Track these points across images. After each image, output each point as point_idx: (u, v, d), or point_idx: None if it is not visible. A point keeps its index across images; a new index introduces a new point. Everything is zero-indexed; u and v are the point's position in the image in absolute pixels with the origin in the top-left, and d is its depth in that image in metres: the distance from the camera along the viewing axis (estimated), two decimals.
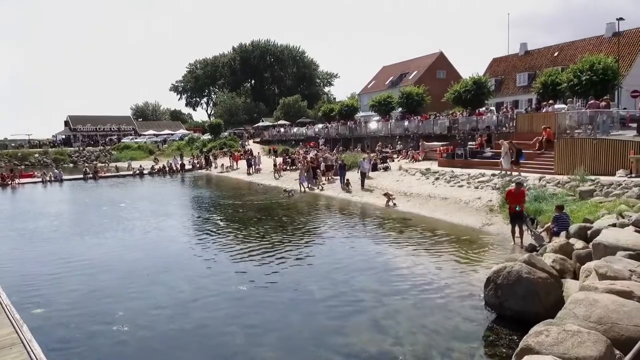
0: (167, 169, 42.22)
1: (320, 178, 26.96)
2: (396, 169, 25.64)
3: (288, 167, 33.62)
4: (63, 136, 75.24)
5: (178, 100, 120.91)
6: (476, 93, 32.25)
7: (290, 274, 11.05)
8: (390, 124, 37.12)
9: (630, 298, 5.93)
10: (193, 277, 10.95)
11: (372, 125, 39.51)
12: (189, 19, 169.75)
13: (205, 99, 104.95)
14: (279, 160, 35.39)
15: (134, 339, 7.73)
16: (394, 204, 19.45)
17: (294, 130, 51.63)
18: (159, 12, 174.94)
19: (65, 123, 79.96)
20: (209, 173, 41.41)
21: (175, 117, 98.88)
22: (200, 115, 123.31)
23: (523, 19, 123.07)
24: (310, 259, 12.31)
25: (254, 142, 55.72)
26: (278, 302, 9.18)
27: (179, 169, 42.70)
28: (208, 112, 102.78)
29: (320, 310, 8.75)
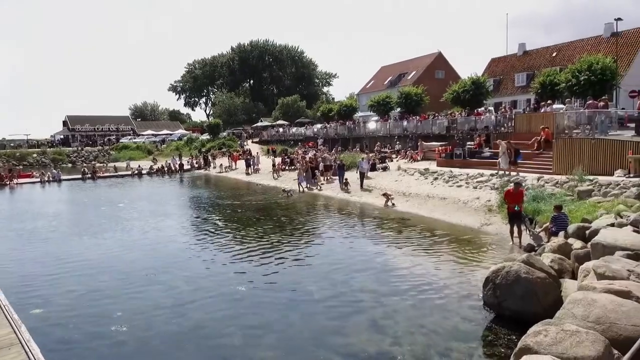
0: (165, 169, 42.19)
1: (319, 178, 26.97)
2: (395, 169, 25.67)
3: (287, 167, 33.64)
4: (61, 136, 75.15)
5: (177, 100, 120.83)
6: (475, 93, 32.33)
7: (289, 274, 11.06)
8: (389, 124, 37.19)
9: (628, 298, 5.93)
10: (192, 277, 10.94)
11: (371, 125, 39.58)
12: (189, 19, 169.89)
13: (203, 99, 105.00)
14: (278, 160, 35.40)
15: (132, 340, 7.72)
16: (393, 204, 19.47)
17: (293, 130, 51.67)
18: (158, 12, 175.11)
19: (64, 123, 79.89)
20: (207, 173, 41.38)
21: (174, 117, 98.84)
22: (198, 115, 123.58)
23: (521, 19, 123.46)
24: (309, 259, 12.31)
25: (252, 142, 55.73)
26: (277, 302, 9.18)
27: (178, 169, 42.67)
28: (207, 112, 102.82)
29: (320, 310, 8.75)
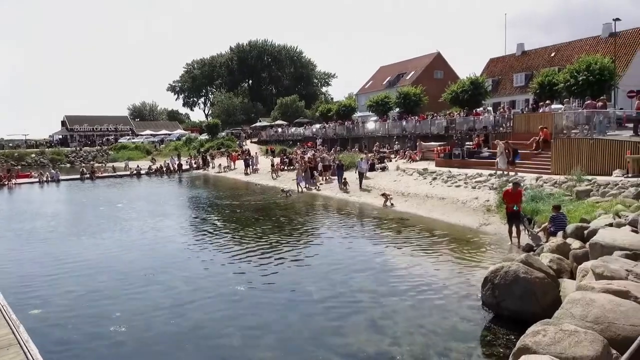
0: (164, 169, 42.17)
1: (317, 178, 26.97)
2: (394, 169, 25.67)
3: (285, 167, 33.63)
4: (60, 136, 75.05)
5: (175, 100, 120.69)
6: (473, 93, 32.32)
7: (288, 275, 11.06)
8: (388, 124, 37.20)
9: (626, 298, 5.95)
10: (191, 277, 10.93)
11: (370, 125, 39.62)
12: (189, 19, 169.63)
13: (202, 99, 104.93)
14: (277, 160, 35.40)
15: (131, 340, 7.72)
16: (392, 204, 19.47)
17: (292, 130, 51.67)
18: (158, 12, 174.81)
19: (62, 123, 79.75)
20: (206, 173, 41.36)
21: (173, 117, 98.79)
22: (197, 115, 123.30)
23: (520, 19, 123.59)
24: (308, 260, 12.30)
25: (251, 142, 55.72)
26: (276, 302, 9.18)
27: (176, 169, 42.65)
28: (205, 112, 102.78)
29: (319, 310, 8.75)
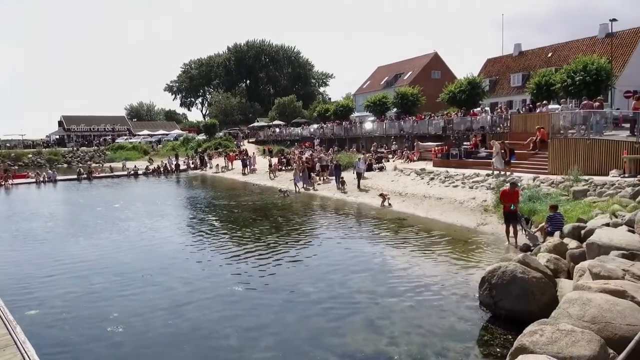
0: (161, 169, 42.10)
1: (315, 178, 26.97)
2: (391, 169, 25.70)
3: (283, 168, 33.62)
4: (57, 136, 74.81)
5: (173, 100, 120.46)
6: (471, 93, 32.36)
7: (286, 275, 11.05)
8: (385, 125, 37.22)
9: (623, 297, 5.96)
10: (188, 278, 10.92)
11: (367, 125, 39.66)
12: (188, 19, 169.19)
13: (200, 99, 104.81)
14: (274, 160, 35.39)
15: (129, 341, 7.71)
16: (389, 204, 19.49)
17: (289, 130, 51.64)
18: (157, 12, 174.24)
19: (59, 123, 79.46)
20: (204, 173, 41.32)
21: (170, 117, 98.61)
22: (195, 115, 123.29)
23: (517, 19, 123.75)
24: (306, 260, 12.30)
25: (249, 142, 55.66)
26: (274, 303, 9.17)
27: (174, 169, 42.59)
28: (203, 112, 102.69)
29: (317, 311, 8.75)
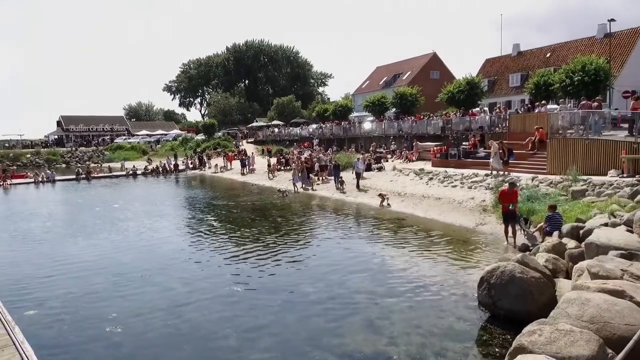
0: (160, 169, 42.06)
1: (313, 178, 26.97)
2: (390, 169, 25.71)
3: (282, 168, 33.62)
4: (55, 136, 74.68)
5: (171, 100, 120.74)
6: (469, 93, 32.39)
7: (285, 276, 11.04)
8: (384, 125, 37.24)
9: (622, 297, 5.97)
10: (187, 278, 10.90)
11: (366, 125, 39.69)
12: (187, 19, 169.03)
13: (198, 99, 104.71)
14: (273, 160, 35.37)
15: (127, 341, 7.69)
16: (388, 204, 19.49)
17: (288, 130, 51.63)
18: (157, 12, 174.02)
19: (58, 123, 79.39)
20: (202, 173, 41.29)
21: (169, 117, 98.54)
22: (193, 115, 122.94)
23: (516, 19, 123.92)
24: (305, 260, 12.29)
25: (247, 142, 55.63)
26: (273, 303, 9.16)
27: (173, 169, 42.56)
28: (202, 112, 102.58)
29: (316, 311, 8.74)
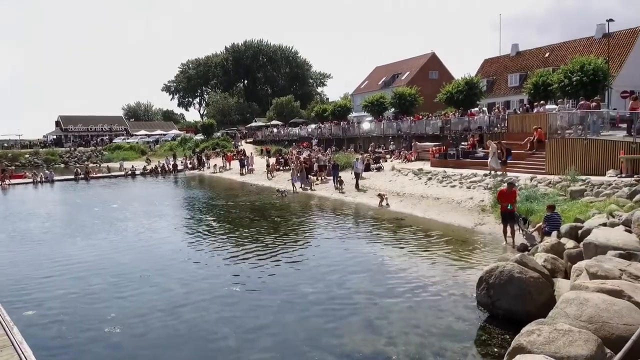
0: (159, 169, 42.03)
1: (312, 178, 26.97)
2: (389, 169, 25.73)
3: (281, 168, 33.62)
4: (54, 136, 74.64)
5: (170, 100, 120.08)
6: (468, 94, 32.43)
7: (284, 276, 11.03)
8: (383, 125, 37.25)
9: (620, 297, 5.97)
10: (186, 279, 10.89)
11: (365, 125, 39.70)
12: (187, 19, 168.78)
13: (197, 99, 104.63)
14: (272, 160, 35.37)
15: (126, 341, 7.68)
16: (387, 204, 19.49)
17: (287, 130, 51.64)
18: (157, 12, 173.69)
19: (57, 123, 79.33)
20: (201, 173, 41.27)
21: (168, 118, 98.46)
22: (192, 115, 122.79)
23: (514, 19, 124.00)
24: (304, 261, 12.28)
25: (246, 142, 55.61)
26: (272, 304, 9.15)
27: (172, 169, 42.53)
28: (200, 113, 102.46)
29: (315, 311, 8.74)
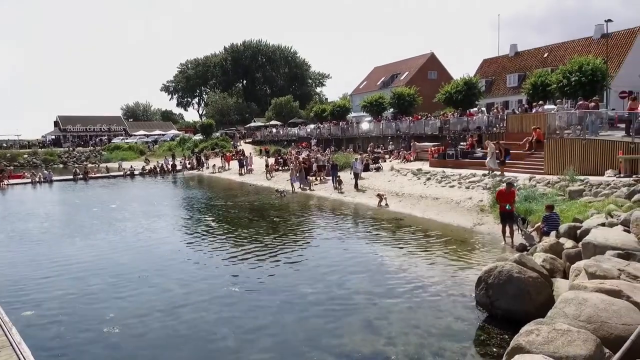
0: (158, 169, 42.00)
1: (311, 178, 26.97)
2: (388, 169, 25.74)
3: (280, 168, 33.62)
4: (53, 136, 74.58)
5: (169, 100, 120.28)
6: (467, 94, 32.47)
7: (284, 276, 11.03)
8: (382, 125, 37.27)
9: (619, 297, 5.98)
10: (185, 279, 10.88)
11: (364, 125, 39.71)
12: (187, 19, 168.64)
13: (196, 99, 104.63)
14: (271, 160, 35.36)
15: (125, 342, 7.67)
16: (386, 205, 19.49)
17: (286, 130, 51.64)
18: (157, 12, 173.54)
19: (55, 123, 79.26)
20: (200, 173, 41.25)
21: (167, 118, 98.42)
22: (191, 115, 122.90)
23: (513, 20, 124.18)
24: (304, 261, 12.28)
25: (245, 142, 55.61)
26: (271, 304, 9.15)
27: (170, 169, 42.49)
28: (199, 113, 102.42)
29: (314, 312, 8.74)
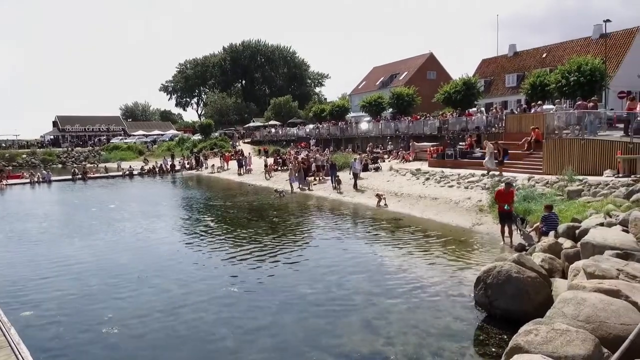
0: (156, 169, 41.96)
1: (309, 178, 26.96)
2: (387, 169, 25.75)
3: (279, 168, 33.62)
4: (51, 137, 74.53)
5: (168, 100, 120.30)
6: (466, 94, 32.48)
7: (283, 276, 11.03)
8: (381, 125, 37.30)
9: (617, 297, 5.99)
10: (184, 279, 10.87)
11: (363, 125, 39.73)
12: (187, 19, 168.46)
13: (195, 99, 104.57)
14: (270, 160, 35.35)
15: (123, 342, 7.67)
16: (385, 205, 19.50)
17: (285, 130, 51.65)
18: (158, 12, 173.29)
19: (54, 123, 79.18)
20: (199, 174, 41.22)
21: (165, 118, 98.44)
22: (190, 115, 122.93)
23: (512, 20, 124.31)
24: (303, 261, 12.27)
25: (244, 142, 55.59)
26: (270, 304, 9.14)
27: (169, 169, 42.46)
28: (198, 113, 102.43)
29: (313, 312, 8.74)
